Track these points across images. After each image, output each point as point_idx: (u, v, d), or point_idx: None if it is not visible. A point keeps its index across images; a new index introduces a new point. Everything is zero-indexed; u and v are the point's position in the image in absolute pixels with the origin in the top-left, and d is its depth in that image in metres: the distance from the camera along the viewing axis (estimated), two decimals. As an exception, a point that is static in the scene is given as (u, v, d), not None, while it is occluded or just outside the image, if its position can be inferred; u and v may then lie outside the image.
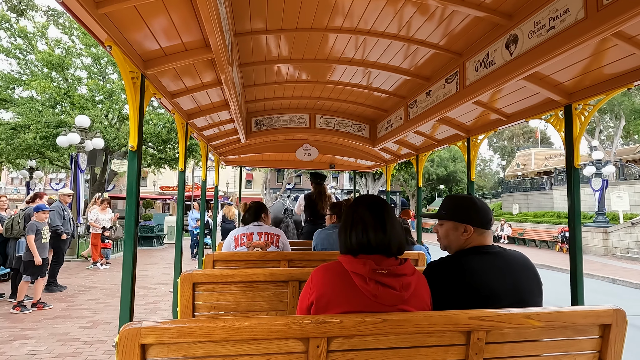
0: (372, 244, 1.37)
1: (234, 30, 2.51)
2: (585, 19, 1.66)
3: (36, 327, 4.98)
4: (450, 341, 1.24)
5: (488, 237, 1.58)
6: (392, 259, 1.38)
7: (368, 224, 1.39)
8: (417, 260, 3.12)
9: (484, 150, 67.84)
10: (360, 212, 1.44)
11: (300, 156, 5.41)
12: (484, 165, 56.56)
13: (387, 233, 1.38)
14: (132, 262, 1.98)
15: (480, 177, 47.48)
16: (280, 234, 3.20)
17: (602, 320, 1.32)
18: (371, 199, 1.49)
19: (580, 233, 2.30)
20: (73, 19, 1.51)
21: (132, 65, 2.01)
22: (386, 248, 1.37)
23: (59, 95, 16.35)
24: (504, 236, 21.02)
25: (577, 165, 2.34)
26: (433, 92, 3.16)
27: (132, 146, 1.99)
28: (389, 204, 1.48)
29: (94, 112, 16.31)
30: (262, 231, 3.13)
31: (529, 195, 28.47)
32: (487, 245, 1.57)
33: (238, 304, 2.06)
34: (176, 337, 1.07)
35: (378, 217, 1.41)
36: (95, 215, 10.15)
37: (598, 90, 2.28)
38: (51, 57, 16.51)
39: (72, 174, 11.19)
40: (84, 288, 7.40)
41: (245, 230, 3.13)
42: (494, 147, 56.22)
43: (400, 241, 1.41)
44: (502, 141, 53.78)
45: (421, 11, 2.28)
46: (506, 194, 31.69)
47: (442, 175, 32.55)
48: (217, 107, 3.53)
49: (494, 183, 51.94)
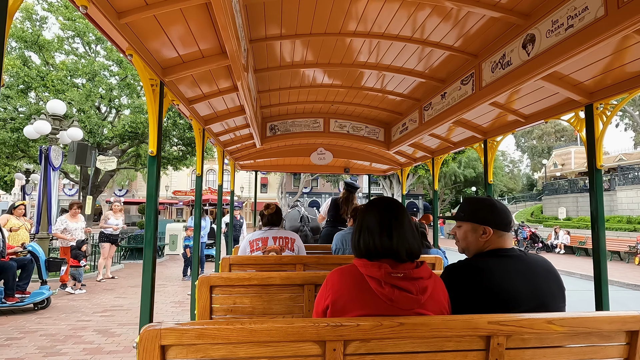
0: (378, 249, 1.36)
1: (249, 37, 2.55)
2: (605, 17, 1.62)
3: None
4: (470, 346, 1.22)
5: (507, 240, 1.55)
6: (407, 263, 1.36)
7: (373, 230, 1.38)
8: (433, 264, 3.08)
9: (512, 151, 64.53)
10: (367, 217, 1.43)
11: (314, 160, 5.43)
12: (512, 166, 54.13)
13: (392, 238, 1.36)
14: (151, 264, 2.03)
15: (509, 178, 46.04)
16: (295, 238, 3.20)
17: (628, 326, 1.28)
18: (381, 203, 1.47)
19: (604, 237, 2.23)
20: (96, 28, 1.57)
21: (151, 72, 2.06)
22: (394, 253, 1.35)
23: (29, 77, 13.55)
24: (560, 245, 17.97)
25: (599, 167, 2.27)
26: (448, 94, 3.13)
27: (152, 151, 2.04)
28: (401, 208, 1.45)
29: (70, 96, 13.58)
30: (277, 235, 3.13)
31: (579, 198, 24.66)
32: (507, 248, 1.54)
33: (254, 307, 2.08)
34: (195, 338, 1.09)
35: (383, 223, 1.39)
36: (64, 224, 7.86)
37: (620, 89, 2.21)
38: (24, 32, 13.82)
39: (41, 172, 8.74)
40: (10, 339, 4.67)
41: (260, 234, 3.14)
42: (522, 147, 53.41)
43: (411, 246, 1.37)
44: (532, 140, 50.97)
45: (435, 13, 2.27)
46: (549, 196, 27.77)
47: (471, 177, 31.23)
48: (233, 113, 3.59)
49: (524, 185, 49.88)
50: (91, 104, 15.13)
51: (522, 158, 55.57)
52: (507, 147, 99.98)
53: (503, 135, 3.56)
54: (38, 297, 6.17)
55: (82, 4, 1.38)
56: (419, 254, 1.40)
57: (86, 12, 1.43)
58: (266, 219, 3.20)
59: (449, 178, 32.36)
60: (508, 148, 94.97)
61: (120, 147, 17.13)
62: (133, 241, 12.56)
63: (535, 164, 50.29)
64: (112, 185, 40.16)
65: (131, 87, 16.16)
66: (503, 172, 41.93)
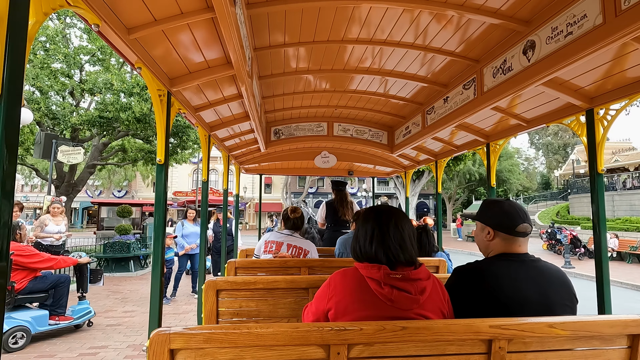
0: (377, 256, 1.40)
1: (254, 45, 2.60)
2: (604, 24, 1.64)
3: None
4: (471, 350, 1.25)
5: (516, 245, 1.53)
6: (406, 265, 1.40)
7: (373, 237, 1.43)
8: (437, 267, 3.10)
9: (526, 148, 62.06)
10: (365, 225, 1.48)
11: (319, 164, 5.47)
12: (527, 164, 51.82)
13: (390, 247, 1.40)
14: (160, 270, 2.08)
15: (525, 177, 44.77)
16: (310, 250, 3.09)
17: (630, 330, 1.29)
18: (377, 212, 1.50)
19: (605, 240, 2.25)
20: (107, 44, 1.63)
21: (159, 83, 2.12)
22: (391, 260, 1.39)
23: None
24: (609, 250, 14.62)
25: (600, 171, 2.30)
26: (450, 98, 3.15)
27: (160, 160, 2.10)
28: (399, 215, 1.48)
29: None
30: (293, 244, 3.06)
31: (615, 196, 22.65)
32: (517, 253, 1.52)
33: (260, 310, 2.12)
34: (203, 342, 1.13)
35: (380, 231, 1.43)
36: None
37: (620, 95, 2.23)
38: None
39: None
40: None
41: (276, 237, 3.10)
42: (536, 145, 51.57)
43: (409, 253, 1.41)
44: (547, 137, 49.31)
45: (437, 20, 2.31)
46: (577, 194, 25.66)
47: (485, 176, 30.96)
48: (237, 119, 3.64)
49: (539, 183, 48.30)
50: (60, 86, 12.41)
51: (537, 155, 53.60)
52: (521, 144, 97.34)
53: (505, 138, 3.58)
54: (85, 313, 5.28)
55: (95, 22, 1.44)
56: (414, 260, 1.43)
57: (98, 29, 1.48)
58: (291, 222, 3.15)
59: (463, 177, 31.97)
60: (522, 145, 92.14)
61: (102, 140, 14.40)
62: (110, 250, 9.93)
63: (550, 161, 48.77)
64: (109, 185, 38.71)
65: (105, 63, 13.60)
66: (519, 170, 40.67)
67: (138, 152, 15.52)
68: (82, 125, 12.58)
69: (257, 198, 38.46)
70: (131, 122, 12.11)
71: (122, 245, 9.96)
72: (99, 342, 4.88)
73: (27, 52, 0.94)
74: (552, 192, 35.84)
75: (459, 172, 30.02)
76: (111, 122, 12.48)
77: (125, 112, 11.99)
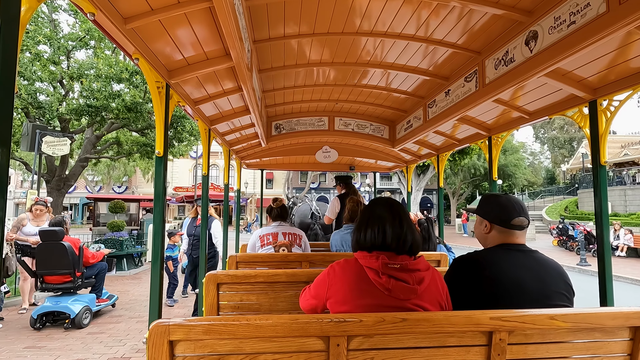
0: (387, 239, 1.42)
1: (253, 37, 2.58)
2: (607, 13, 1.62)
3: None
4: (472, 341, 1.24)
5: (512, 237, 1.58)
6: (405, 255, 1.42)
7: (386, 220, 1.45)
8: (439, 261, 3.09)
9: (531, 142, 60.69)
10: (378, 210, 1.50)
11: (320, 158, 5.47)
12: (533, 158, 51.16)
13: (403, 228, 1.44)
14: (159, 263, 2.08)
15: (531, 171, 44.51)
16: (302, 235, 3.31)
17: (632, 322, 1.28)
18: (387, 199, 1.57)
19: (608, 233, 2.24)
20: (103, 34, 1.61)
21: (157, 75, 2.11)
22: (401, 243, 1.42)
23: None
24: (623, 247, 14.03)
25: (603, 163, 2.27)
26: (452, 91, 3.13)
27: (159, 152, 2.09)
28: (397, 206, 1.54)
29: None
30: (286, 231, 3.25)
31: (628, 191, 21.51)
32: (514, 243, 1.57)
33: (261, 304, 2.12)
34: (202, 334, 1.13)
35: (395, 214, 1.48)
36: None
37: (624, 85, 2.20)
38: None
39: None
40: None
41: (270, 230, 3.24)
42: (541, 139, 50.78)
43: (415, 239, 1.46)
44: (552, 131, 48.29)
45: (438, 11, 2.28)
46: (586, 189, 24.52)
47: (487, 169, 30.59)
48: (238, 113, 3.62)
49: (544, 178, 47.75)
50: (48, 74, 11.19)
51: (543, 150, 52.81)
52: (526, 138, 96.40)
53: (507, 131, 3.56)
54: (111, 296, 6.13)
55: (90, 11, 1.42)
56: (418, 250, 1.46)
57: (94, 18, 1.47)
58: (275, 212, 3.31)
59: (468, 171, 31.71)
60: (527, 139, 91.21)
61: (95, 132, 13.41)
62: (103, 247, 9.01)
63: (556, 156, 48.07)
64: (108, 181, 38.16)
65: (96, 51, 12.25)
66: (525, 165, 40.36)
67: (133, 145, 14.49)
68: (69, 115, 11.49)
69: (258, 193, 38.49)
70: (121, 111, 11.06)
71: (115, 242, 9.34)
72: (75, 354, 4.26)
73: (19, 40, 0.92)
74: (559, 187, 35.35)
75: (464, 167, 29.87)
76: (100, 111, 11.19)
77: (114, 100, 11.01)
